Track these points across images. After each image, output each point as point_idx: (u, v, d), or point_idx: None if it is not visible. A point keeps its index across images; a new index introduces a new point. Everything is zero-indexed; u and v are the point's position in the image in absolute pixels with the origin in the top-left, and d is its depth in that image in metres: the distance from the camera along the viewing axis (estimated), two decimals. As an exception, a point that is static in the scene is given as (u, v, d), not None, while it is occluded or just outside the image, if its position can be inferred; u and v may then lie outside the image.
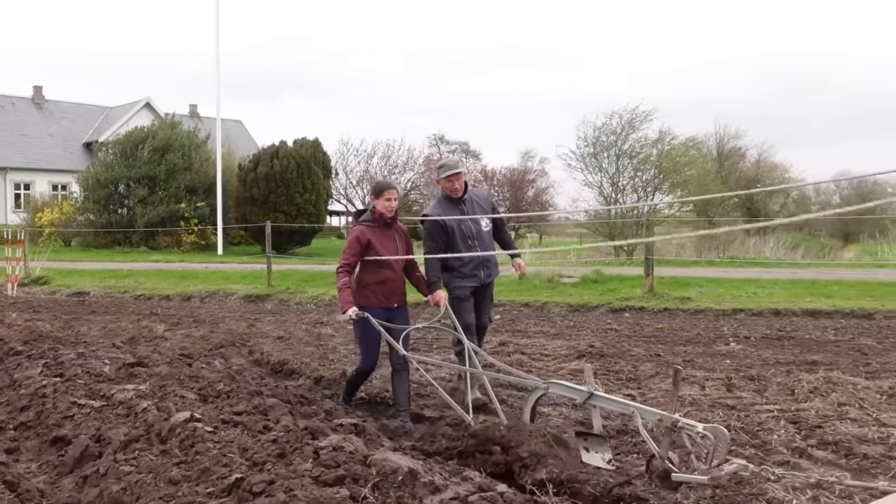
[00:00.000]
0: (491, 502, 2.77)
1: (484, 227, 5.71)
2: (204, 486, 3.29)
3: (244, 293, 15.39)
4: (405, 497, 2.97)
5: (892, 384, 5.24)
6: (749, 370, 6.07)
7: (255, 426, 4.21)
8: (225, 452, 3.69)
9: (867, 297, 11.71)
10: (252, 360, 7.33)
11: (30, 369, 6.48)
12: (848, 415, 4.53)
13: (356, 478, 3.17)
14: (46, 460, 4.39)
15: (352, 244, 5.33)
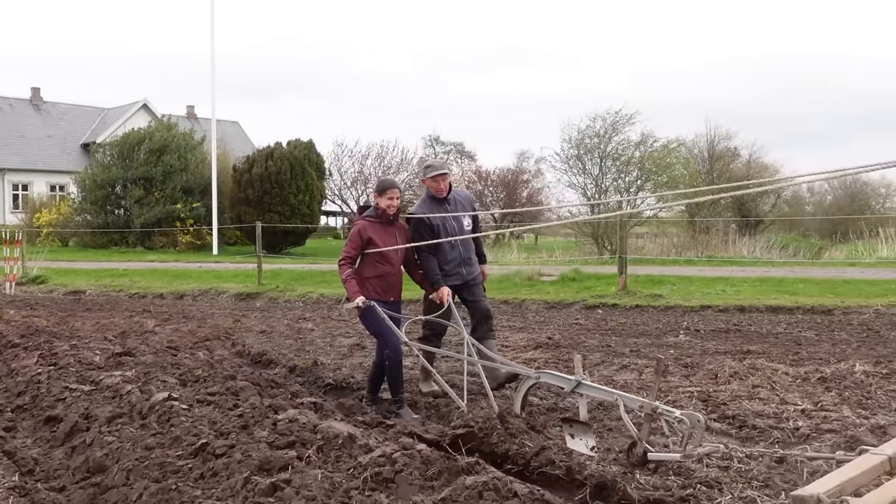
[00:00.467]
0: (410, 458, 3.30)
1: (466, 226, 5.97)
2: (174, 451, 3.82)
3: (235, 291, 15.89)
4: (343, 456, 3.50)
5: (808, 370, 5.75)
6: (687, 358, 6.60)
7: (226, 404, 4.73)
8: (196, 425, 4.21)
9: (829, 294, 12.23)
10: (234, 352, 7.84)
11: (26, 359, 6.99)
12: (758, 395, 5.05)
13: (304, 442, 3.69)
14: (40, 436, 4.90)
15: (353, 238, 5.57)
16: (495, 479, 3.02)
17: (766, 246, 27.11)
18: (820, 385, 5.32)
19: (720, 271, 15.85)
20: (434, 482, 3.15)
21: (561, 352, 7.21)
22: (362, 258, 5.60)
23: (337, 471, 3.35)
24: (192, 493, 3.19)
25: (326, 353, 7.45)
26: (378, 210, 5.61)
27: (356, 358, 7.22)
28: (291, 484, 3.18)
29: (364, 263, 5.60)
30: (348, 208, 42.95)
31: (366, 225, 5.60)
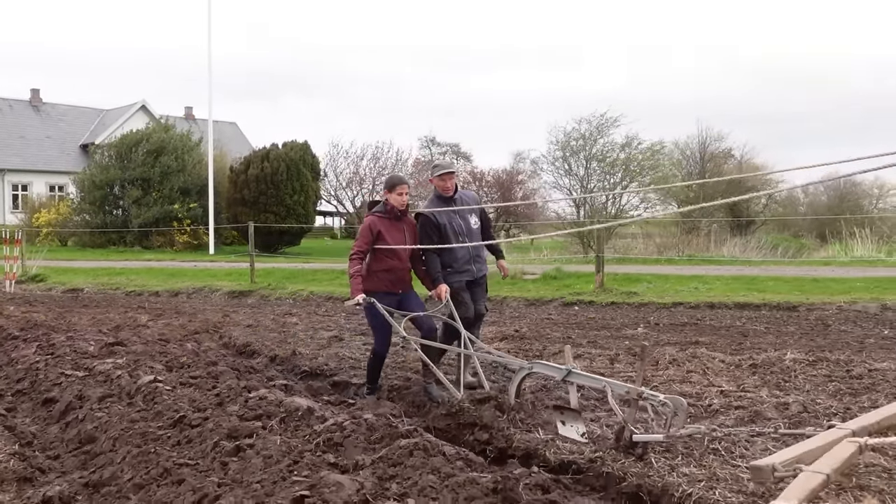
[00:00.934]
0: (357, 425, 3.82)
1: (473, 224, 6.10)
2: (156, 423, 4.33)
3: (228, 289, 16.38)
4: (302, 425, 4.01)
5: (743, 358, 6.26)
6: (637, 348, 7.10)
7: (205, 385, 5.25)
8: (177, 402, 4.72)
9: (797, 291, 12.74)
10: (221, 344, 8.34)
11: (25, 350, 7.51)
12: (689, 379, 5.56)
13: (269, 415, 4.21)
14: (38, 415, 5.41)
15: (364, 233, 5.72)
16: (426, 441, 3.53)
17: (756, 246, 27.67)
18: (749, 371, 5.82)
19: (697, 270, 16.36)
20: (376, 445, 3.66)
21: (523, 343, 7.72)
22: (372, 252, 5.76)
23: (294, 437, 3.87)
24: (168, 455, 3.70)
25: (306, 345, 7.96)
26: (387, 206, 5.77)
27: (333, 349, 7.73)
28: (254, 447, 3.69)
29: (373, 258, 5.76)
30: (344, 209, 43.50)
31: (375, 220, 5.74)
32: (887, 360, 6.24)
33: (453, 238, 5.92)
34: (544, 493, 3.04)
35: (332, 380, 6.20)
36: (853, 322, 9.60)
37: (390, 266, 5.72)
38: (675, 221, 22.24)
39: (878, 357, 6.42)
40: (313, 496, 2.96)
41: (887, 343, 7.53)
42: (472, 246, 6.01)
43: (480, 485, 3.03)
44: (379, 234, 5.68)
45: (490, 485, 3.03)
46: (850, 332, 8.54)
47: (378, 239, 5.69)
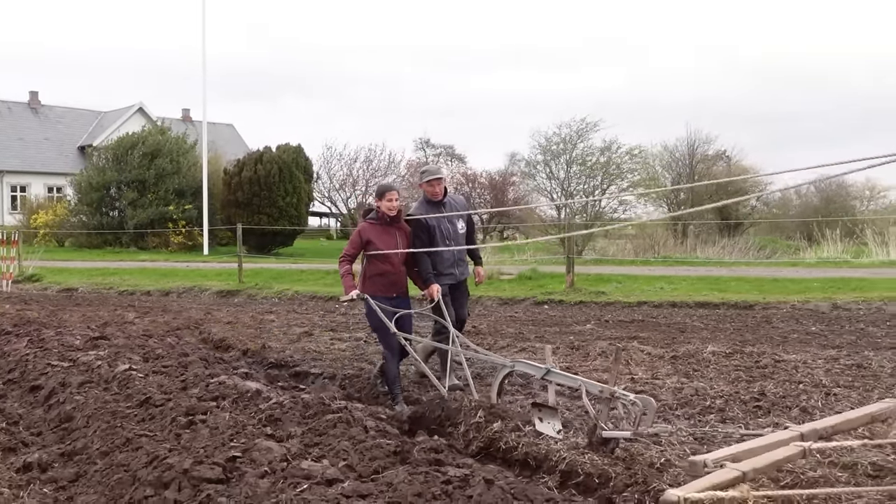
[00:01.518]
0: (294, 403, 4.44)
1: (460, 228, 6.30)
2: (125, 404, 4.95)
3: (217, 289, 16.99)
4: (250, 405, 4.64)
5: (668, 351, 6.88)
6: (579, 342, 7.72)
7: (175, 373, 5.87)
8: (147, 387, 5.34)
9: (755, 291, 13.35)
10: (200, 339, 8.96)
11: (16, 344, 8.11)
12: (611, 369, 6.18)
13: (224, 396, 4.83)
14: (26, 400, 6.02)
15: (353, 239, 5.97)
16: (350, 416, 4.15)
17: (744, 247, 28.31)
18: (668, 362, 6.44)
19: (669, 271, 16.99)
20: (309, 419, 4.28)
21: (477, 338, 8.33)
22: (366, 258, 5.94)
23: (242, 413, 4.49)
24: (132, 429, 4.32)
25: (278, 340, 8.58)
26: (379, 213, 5.95)
27: (301, 343, 8.35)
28: (205, 422, 4.31)
29: (367, 263, 5.95)
30: (337, 210, 44.13)
31: (366, 227, 5.95)
32: (799, 352, 6.87)
33: (440, 241, 6.11)
34: (435, 453, 3.66)
35: (294, 370, 6.81)
36: (795, 320, 10.22)
37: (383, 271, 5.90)
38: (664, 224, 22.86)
39: (791, 350, 7.05)
40: (244, 457, 3.58)
41: (809, 338, 8.16)
42: (457, 250, 6.20)
43: (384, 448, 3.66)
44: (369, 241, 5.87)
45: (392, 448, 3.66)
46: (781, 328, 9.17)
47: (368, 245, 5.88)
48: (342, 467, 3.46)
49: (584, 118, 24.92)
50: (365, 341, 8.16)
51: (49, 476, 3.99)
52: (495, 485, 3.12)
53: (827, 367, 6.14)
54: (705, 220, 39.36)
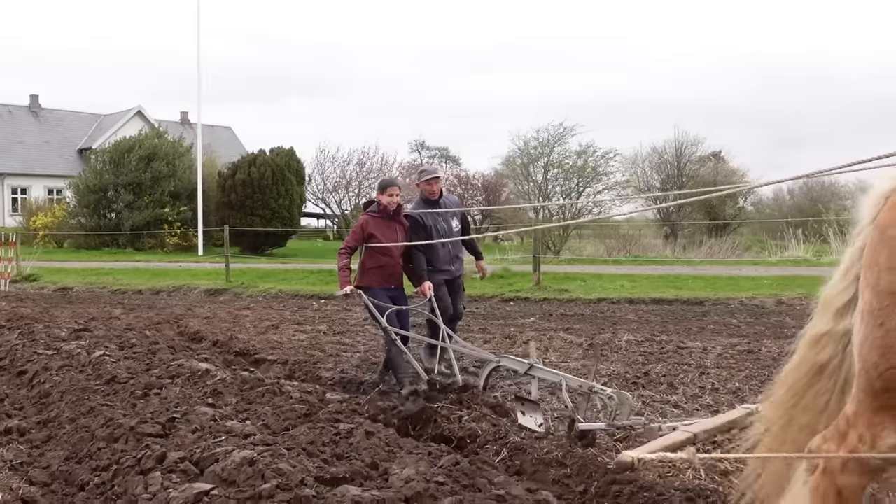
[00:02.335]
0: (234, 379, 5.25)
1: (455, 226, 6.52)
2: (95, 382, 5.76)
3: (205, 288, 17.79)
4: (199, 382, 5.45)
5: (586, 339, 7.69)
6: (515, 333, 8.54)
7: (143, 359, 6.69)
8: (116, 369, 6.15)
9: (709, 288, 14.15)
10: (177, 332, 9.76)
11: (8, 336, 8.93)
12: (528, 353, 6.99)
13: (179, 375, 5.65)
14: (13, 383, 6.82)
15: (355, 231, 6.14)
16: (278, 388, 4.96)
17: (731, 248, 29.14)
18: (583, 348, 7.24)
19: (636, 269, 17.80)
20: (244, 392, 5.09)
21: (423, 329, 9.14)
22: (365, 250, 6.10)
23: (191, 389, 5.31)
24: (97, 400, 5.13)
25: (247, 332, 9.39)
26: (380, 206, 6.10)
27: (267, 335, 9.16)
28: (159, 395, 5.12)
29: (367, 255, 6.11)
30: (331, 211, 44.95)
31: (368, 220, 6.08)
32: (705, 341, 7.68)
33: (436, 239, 6.30)
34: (337, 414, 4.47)
35: (254, 357, 7.59)
36: (730, 314, 11.02)
37: (383, 263, 6.05)
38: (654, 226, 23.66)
39: (699, 339, 7.86)
40: (182, 418, 4.39)
41: (723, 329, 8.97)
42: (452, 248, 6.45)
43: (297, 411, 4.47)
44: (371, 233, 6.01)
45: (304, 411, 4.47)
46: (706, 321, 9.97)
47: (370, 238, 6.02)
48: (259, 426, 4.28)
49: (562, 122, 25.85)
50: (325, 333, 8.98)
51: (26, 438, 4.80)
52: (374, 436, 3.93)
53: (720, 353, 6.96)
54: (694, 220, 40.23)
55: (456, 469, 3.43)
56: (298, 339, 8.76)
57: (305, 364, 6.95)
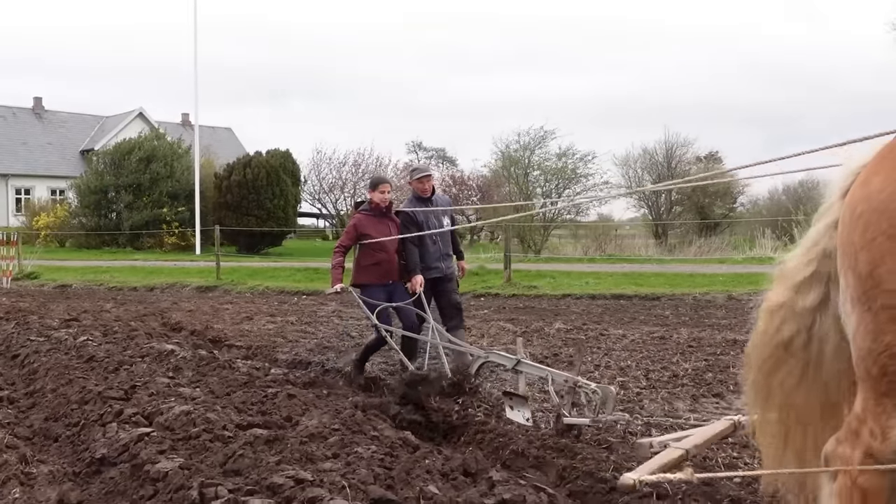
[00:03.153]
0: (193, 356, 6.13)
1: (445, 225, 6.65)
2: (77, 361, 6.65)
3: (196, 285, 18.69)
4: (164, 360, 6.34)
5: (524, 328, 8.56)
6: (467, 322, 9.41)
7: (122, 343, 7.59)
8: (96, 351, 7.04)
9: (668, 285, 14.99)
10: (161, 323, 10.64)
11: (6, 326, 9.83)
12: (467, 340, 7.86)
13: (148, 354, 6.54)
14: (7, 364, 7.71)
15: (349, 230, 6.23)
16: (227, 363, 5.85)
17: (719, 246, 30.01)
18: (515, 334, 8.11)
19: (607, 267, 18.66)
20: (200, 367, 5.98)
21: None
22: (360, 248, 6.17)
23: (158, 365, 6.19)
24: (76, 374, 6.02)
25: (223, 323, 10.28)
26: (372, 204, 6.21)
27: (241, 325, 10.05)
28: (128, 371, 6.01)
29: (362, 254, 6.18)
30: (327, 211, 45.85)
31: (361, 219, 6.17)
32: (627, 329, 8.54)
33: (427, 237, 6.42)
34: (272, 381, 5.35)
35: (224, 343, 8.49)
36: (674, 307, 11.88)
37: (379, 259, 6.13)
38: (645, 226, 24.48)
39: (624, 328, 8.72)
40: (142, 386, 5.27)
41: (652, 319, 9.85)
42: (442, 246, 6.51)
43: (239, 380, 5.35)
44: (364, 231, 6.11)
45: (244, 380, 5.35)
46: (649, 313, 10.83)
47: (364, 237, 6.11)
48: (206, 391, 5.16)
49: (542, 126, 26.79)
50: (292, 323, 9.86)
51: (14, 405, 5.68)
52: (295, 398, 4.81)
53: (634, 339, 7.82)
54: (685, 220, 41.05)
55: (351, 419, 4.30)
56: (267, 328, 9.66)
57: (265, 348, 7.83)
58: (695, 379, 5.90)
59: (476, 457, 3.59)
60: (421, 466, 3.36)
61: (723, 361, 6.49)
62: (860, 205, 2.26)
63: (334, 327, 9.41)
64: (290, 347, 7.89)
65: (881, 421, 2.23)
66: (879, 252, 2.17)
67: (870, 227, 2.20)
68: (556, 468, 3.63)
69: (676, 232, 41.44)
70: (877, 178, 2.24)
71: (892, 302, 2.15)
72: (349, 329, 9.16)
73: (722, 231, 40.57)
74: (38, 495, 3.63)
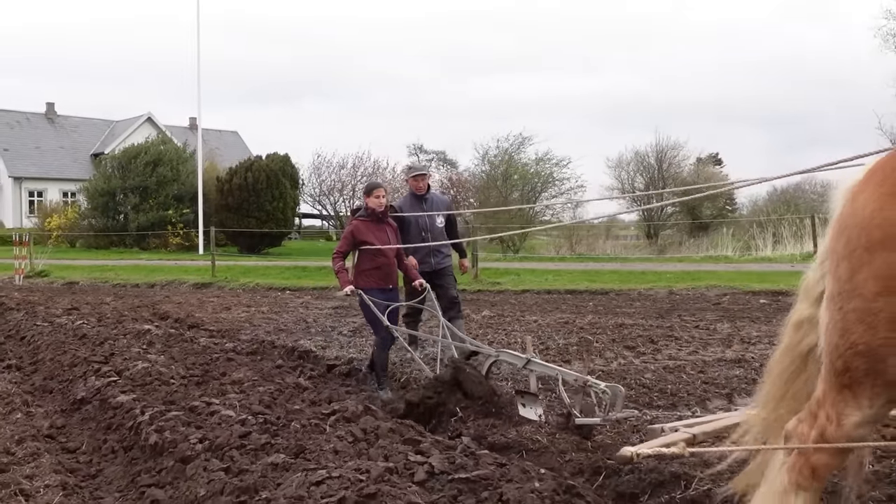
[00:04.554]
0: (163, 333, 7.60)
1: (438, 223, 6.77)
2: (72, 340, 8.16)
3: (193, 282, 20.21)
4: (142, 337, 7.83)
5: (484, 317, 10.00)
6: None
7: (111, 325, 9.09)
8: (90, 332, 8.54)
9: (618, 281, 16.36)
10: (152, 313, 12.12)
11: (16, 314, 11.37)
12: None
13: (130, 333, 8.03)
14: (17, 344, 9.22)
15: (346, 237, 6.32)
16: (192, 338, 7.32)
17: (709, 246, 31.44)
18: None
19: (573, 266, 20.06)
20: (168, 341, 7.45)
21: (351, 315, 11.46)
22: (360, 253, 6.22)
23: (134, 340, 7.68)
24: (70, 347, 7.51)
25: (206, 312, 11.76)
26: (368, 210, 6.25)
27: (220, 314, 11.53)
28: (112, 344, 7.49)
29: (362, 258, 6.23)
30: (326, 212, 47.49)
31: (359, 225, 6.23)
32: (544, 316, 9.95)
33: (416, 233, 6.58)
34: (223, 352, 6.80)
35: (200, 328, 9.92)
36: (613, 300, 13.27)
37: (379, 264, 6.20)
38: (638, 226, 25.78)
39: (542, 315, 10.13)
40: (118, 353, 6.74)
41: (571, 308, 11.26)
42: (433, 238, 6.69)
43: (194, 350, 6.82)
44: (362, 238, 6.15)
45: (200, 350, 6.82)
46: (575, 305, 12.25)
47: (362, 243, 6.16)
48: (167, 357, 6.64)
49: (520, 133, 28.30)
50: (262, 312, 11.34)
51: (21, 371, 7.19)
52: (234, 361, 6.27)
53: (542, 323, 9.23)
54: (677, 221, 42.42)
55: (267, 373, 5.76)
56: (239, 316, 11.15)
57: (231, 330, 9.30)
58: (561, 352, 7.29)
59: (339, 392, 5.03)
60: (298, 398, 4.81)
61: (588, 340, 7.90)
62: (847, 219, 2.49)
63: (296, 315, 10.87)
64: (252, 330, 9.35)
65: (838, 408, 2.46)
66: (858, 262, 2.40)
67: (851, 240, 2.43)
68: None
69: (667, 233, 42.82)
70: (862, 195, 2.46)
71: (861, 306, 2.38)
72: (306, 317, 10.62)
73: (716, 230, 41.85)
74: (34, 422, 5.11)
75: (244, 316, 11.15)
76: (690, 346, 7.63)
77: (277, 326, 9.69)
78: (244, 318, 10.93)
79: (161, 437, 3.95)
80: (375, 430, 3.78)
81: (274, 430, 3.83)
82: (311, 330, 9.29)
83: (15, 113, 52.65)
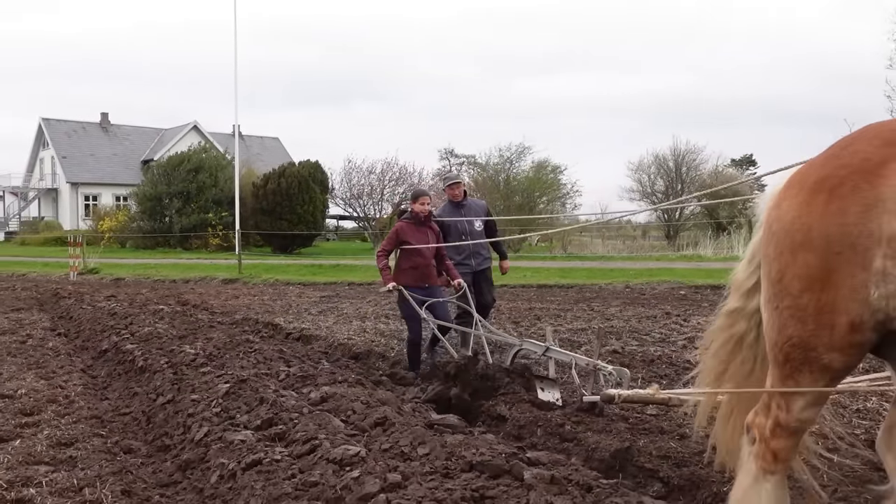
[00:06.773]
0: (178, 312, 10.08)
1: (477, 227, 7.12)
2: (106, 316, 10.70)
3: (222, 277, 22.88)
4: (156, 314, 10.33)
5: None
6: (386, 308, 13.17)
7: (137, 307, 11.63)
8: (118, 310, 11.06)
9: (586, 277, 18.38)
10: (176, 301, 14.70)
11: (68, 301, 14.03)
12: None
13: (148, 311, 10.56)
14: (64, 321, 11.78)
15: (391, 236, 6.81)
16: (195, 315, 9.79)
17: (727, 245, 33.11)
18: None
19: (558, 263, 22.11)
20: (176, 316, 9.92)
21: (331, 313, 13.83)
22: (401, 253, 6.70)
23: (153, 317, 10.18)
24: (103, 320, 10.02)
25: (218, 299, 14.25)
26: (413, 213, 6.76)
27: (231, 302, 14.00)
28: (131, 320, 9.99)
29: (402, 257, 6.72)
30: (357, 215, 50.07)
31: (403, 226, 6.74)
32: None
33: (456, 237, 6.98)
34: (221, 325, 9.21)
35: (207, 310, 12.37)
36: (576, 293, 15.37)
37: (416, 263, 6.65)
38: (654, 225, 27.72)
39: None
40: (136, 325, 9.20)
41: (520, 296, 13.41)
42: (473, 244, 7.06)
43: (195, 324, 9.26)
44: (404, 238, 6.65)
45: (196, 322, 9.26)
46: (531, 297, 14.39)
47: (404, 243, 6.66)
48: (169, 326, 9.07)
49: (520, 143, 30.57)
50: (263, 301, 13.79)
51: (67, 337, 9.73)
52: (216, 328, 8.67)
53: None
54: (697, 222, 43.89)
55: (236, 333, 8.12)
56: (243, 302, 13.61)
57: (230, 311, 11.74)
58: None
59: (272, 344, 7.39)
60: (242, 346, 7.17)
61: (500, 322, 10.11)
62: (774, 224, 2.67)
63: (287, 302, 13.29)
64: (245, 311, 11.76)
65: (786, 397, 2.68)
66: (785, 263, 2.58)
67: (779, 243, 2.61)
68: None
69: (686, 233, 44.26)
70: (785, 202, 2.63)
71: (792, 303, 2.57)
72: (294, 304, 13.02)
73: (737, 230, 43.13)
74: (73, 363, 7.59)
75: (247, 302, 13.60)
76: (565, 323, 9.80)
77: (266, 309, 12.11)
78: (246, 304, 13.38)
79: (144, 363, 6.36)
80: (273, 356, 6.12)
81: (212, 358, 6.20)
82: (289, 311, 11.71)
83: (72, 122, 56.73)
